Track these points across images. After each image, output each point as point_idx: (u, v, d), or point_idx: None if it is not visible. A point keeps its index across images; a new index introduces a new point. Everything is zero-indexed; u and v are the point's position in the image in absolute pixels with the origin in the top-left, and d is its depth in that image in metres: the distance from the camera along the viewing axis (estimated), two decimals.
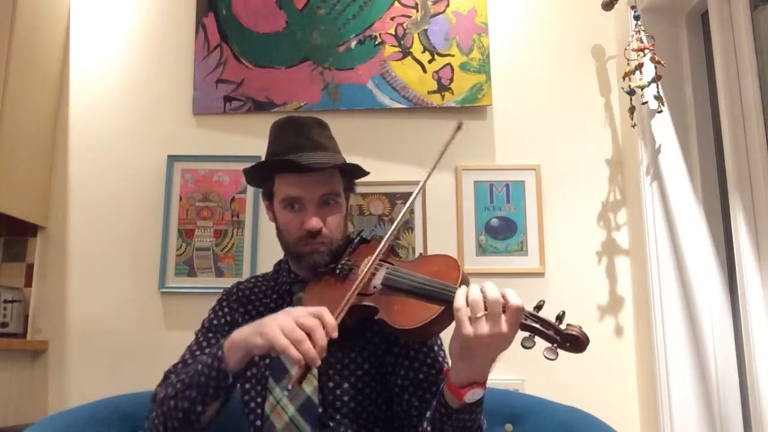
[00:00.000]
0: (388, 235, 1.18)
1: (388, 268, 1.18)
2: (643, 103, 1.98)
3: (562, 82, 2.31)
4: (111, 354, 2.15)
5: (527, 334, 1.00)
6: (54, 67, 2.31)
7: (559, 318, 1.00)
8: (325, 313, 1.02)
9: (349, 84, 2.29)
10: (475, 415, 1.06)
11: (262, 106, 2.30)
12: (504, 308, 0.98)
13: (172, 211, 2.24)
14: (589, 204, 2.23)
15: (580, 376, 2.07)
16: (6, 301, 2.08)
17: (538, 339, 0.99)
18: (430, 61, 2.29)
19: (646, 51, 1.94)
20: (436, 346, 1.26)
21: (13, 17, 2.05)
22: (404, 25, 2.32)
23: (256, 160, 1.48)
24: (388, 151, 2.27)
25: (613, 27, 2.31)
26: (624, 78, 2.03)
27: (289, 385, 1.20)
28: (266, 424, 1.20)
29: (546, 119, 2.28)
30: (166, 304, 2.19)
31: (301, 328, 0.99)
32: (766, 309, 1.59)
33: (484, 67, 2.28)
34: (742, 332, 1.66)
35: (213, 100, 2.31)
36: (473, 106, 2.28)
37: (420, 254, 1.45)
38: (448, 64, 2.29)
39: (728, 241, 1.85)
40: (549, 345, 0.98)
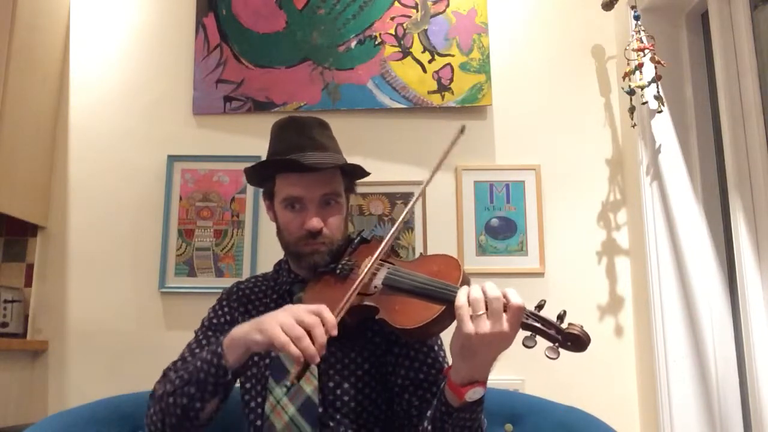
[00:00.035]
0: (389, 235, 1.18)
1: (389, 268, 1.18)
2: (643, 103, 1.98)
3: (562, 82, 2.31)
4: (111, 354, 2.15)
5: (528, 333, 1.00)
6: (54, 67, 2.31)
7: (561, 317, 1.00)
8: (325, 311, 1.02)
9: (349, 84, 2.29)
10: (476, 414, 1.06)
11: (262, 106, 2.30)
12: (505, 307, 0.98)
13: (172, 211, 2.24)
14: (589, 204, 2.23)
15: (580, 376, 2.07)
16: (6, 301, 2.08)
17: (539, 338, 1.00)
18: (430, 61, 2.29)
19: (646, 51, 1.94)
20: (436, 346, 1.26)
21: (13, 17, 2.05)
22: (404, 25, 2.32)
23: (256, 160, 1.48)
24: (388, 151, 2.27)
25: (613, 27, 2.31)
26: (624, 78, 2.03)
27: (287, 382, 1.20)
28: (266, 424, 1.20)
29: (546, 119, 2.29)
30: (166, 304, 2.19)
31: (300, 325, 0.99)
32: (766, 309, 1.60)
33: (484, 67, 2.28)
34: (742, 332, 1.66)
35: (213, 100, 2.31)
36: (473, 106, 2.28)
37: (420, 254, 1.45)
38: (448, 64, 2.29)
39: (728, 241, 1.85)
40: (550, 344, 0.98)
